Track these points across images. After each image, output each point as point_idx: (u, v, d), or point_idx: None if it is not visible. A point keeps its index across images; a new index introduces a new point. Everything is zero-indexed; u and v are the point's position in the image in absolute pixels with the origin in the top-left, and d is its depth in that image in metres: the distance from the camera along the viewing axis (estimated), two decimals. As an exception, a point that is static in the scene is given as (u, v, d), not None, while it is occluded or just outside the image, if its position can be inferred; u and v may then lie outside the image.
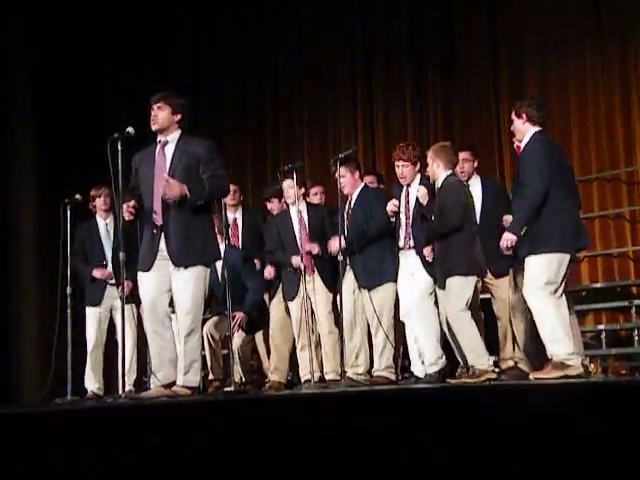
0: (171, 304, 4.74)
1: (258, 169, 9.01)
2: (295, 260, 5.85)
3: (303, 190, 6.08)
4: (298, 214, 5.96)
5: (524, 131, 4.88)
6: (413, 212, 5.43)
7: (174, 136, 4.82)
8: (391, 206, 5.48)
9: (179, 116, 4.82)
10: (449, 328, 5.14)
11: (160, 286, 4.65)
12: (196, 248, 4.65)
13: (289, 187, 5.95)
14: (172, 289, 4.65)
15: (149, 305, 4.66)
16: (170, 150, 4.78)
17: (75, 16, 8.85)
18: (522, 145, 4.90)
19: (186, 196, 4.57)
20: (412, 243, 5.41)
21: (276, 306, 6.16)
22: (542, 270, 4.64)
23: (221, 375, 6.14)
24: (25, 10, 8.58)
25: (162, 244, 4.66)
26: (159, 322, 4.65)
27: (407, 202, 5.50)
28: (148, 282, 4.67)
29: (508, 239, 4.77)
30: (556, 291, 4.66)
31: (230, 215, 6.35)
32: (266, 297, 6.31)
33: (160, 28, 9.55)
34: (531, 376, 4.74)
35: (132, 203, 4.73)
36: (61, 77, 8.50)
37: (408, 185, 5.50)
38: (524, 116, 4.86)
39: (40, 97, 8.46)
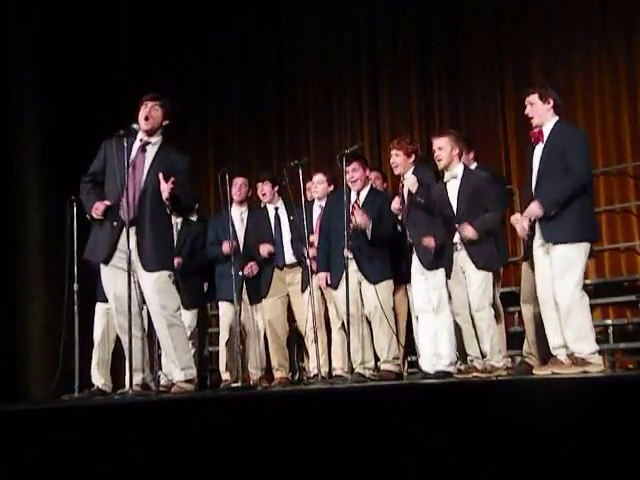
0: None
1: (263, 165, 8.98)
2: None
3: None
4: (320, 208, 6.06)
5: (547, 117, 4.73)
6: (407, 205, 5.43)
7: (157, 140, 4.87)
8: (395, 204, 5.46)
9: (166, 122, 4.90)
10: (472, 321, 5.12)
11: (127, 286, 4.63)
12: (164, 254, 4.75)
13: (319, 182, 5.99)
14: (142, 289, 4.71)
15: (119, 302, 4.69)
16: (151, 153, 4.82)
17: (82, 14, 8.85)
18: (548, 130, 4.74)
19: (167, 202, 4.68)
20: (410, 241, 5.42)
21: (272, 304, 6.18)
22: (578, 263, 4.56)
23: (236, 373, 6.10)
24: (31, 7, 8.58)
25: (123, 240, 4.66)
26: (135, 321, 4.69)
27: (402, 196, 5.49)
28: (119, 283, 4.67)
29: (535, 213, 4.60)
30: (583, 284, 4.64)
31: (236, 211, 6.37)
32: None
33: (167, 26, 9.53)
34: (537, 371, 4.73)
35: (107, 203, 4.71)
36: (67, 75, 8.50)
37: (402, 176, 5.52)
38: (551, 101, 4.72)
39: (46, 95, 8.47)
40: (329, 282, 5.76)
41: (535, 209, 4.62)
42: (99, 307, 6.18)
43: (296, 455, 3.17)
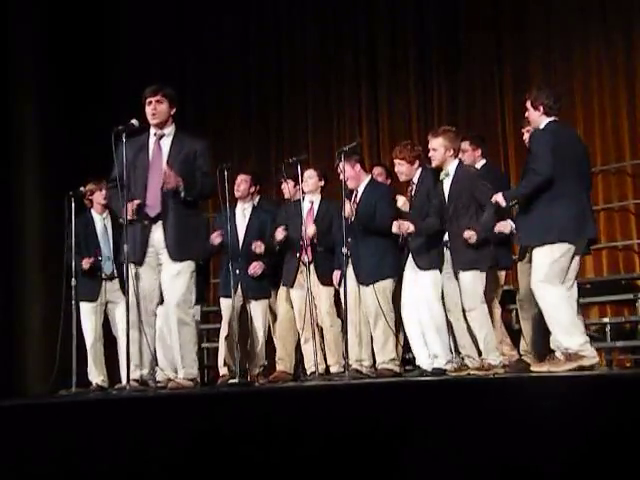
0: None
1: (262, 162, 9.00)
2: (278, 234, 5.90)
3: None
4: (310, 203, 6.02)
5: (539, 122, 4.83)
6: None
7: (170, 130, 4.91)
8: (401, 202, 5.48)
9: (174, 110, 4.92)
10: (465, 320, 5.13)
11: (153, 282, 4.76)
12: (189, 243, 4.77)
13: (309, 177, 5.98)
14: (161, 281, 4.75)
15: (145, 300, 4.73)
16: (167, 144, 4.86)
17: (82, 14, 8.83)
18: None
19: (180, 189, 4.67)
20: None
21: (282, 296, 6.15)
22: (545, 262, 4.61)
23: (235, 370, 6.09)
24: (31, 7, 8.58)
25: (152, 236, 4.73)
26: (149, 318, 4.77)
27: (409, 197, 5.51)
28: (145, 278, 4.75)
29: (497, 199, 4.84)
30: (563, 283, 4.63)
31: (239, 207, 6.36)
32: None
33: (167, 26, 9.54)
34: (534, 368, 4.74)
35: (137, 202, 4.75)
36: (67, 74, 8.49)
37: (409, 181, 5.53)
38: (541, 108, 4.80)
39: (46, 95, 8.46)
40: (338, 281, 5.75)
41: (498, 197, 4.86)
42: (85, 307, 6.17)
43: (293, 451, 3.17)
